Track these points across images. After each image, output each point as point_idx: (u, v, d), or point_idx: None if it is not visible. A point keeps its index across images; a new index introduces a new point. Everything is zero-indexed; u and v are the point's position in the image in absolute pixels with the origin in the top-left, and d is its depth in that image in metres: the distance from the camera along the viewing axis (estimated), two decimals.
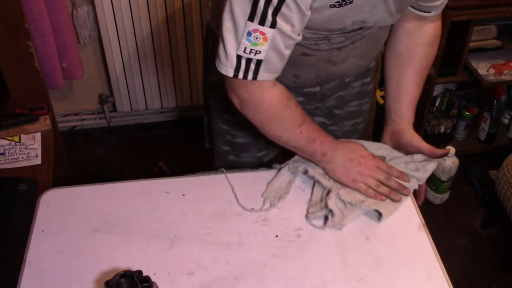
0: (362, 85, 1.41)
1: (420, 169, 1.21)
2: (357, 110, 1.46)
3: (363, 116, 1.50)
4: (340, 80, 1.35)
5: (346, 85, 1.38)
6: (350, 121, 1.48)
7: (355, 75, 1.36)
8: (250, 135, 1.42)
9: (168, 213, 1.14)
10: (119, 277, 0.87)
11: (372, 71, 1.42)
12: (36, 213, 1.14)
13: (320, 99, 1.39)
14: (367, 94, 1.45)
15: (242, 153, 1.46)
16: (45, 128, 1.90)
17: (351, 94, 1.41)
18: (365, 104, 1.48)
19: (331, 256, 1.06)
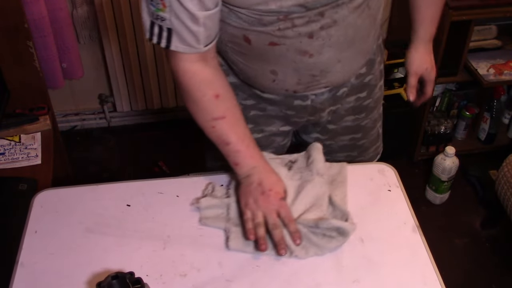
0: (357, 99, 1.36)
1: (324, 237, 1.08)
2: (354, 125, 1.41)
3: (363, 132, 1.44)
4: (330, 89, 1.28)
5: (339, 99, 1.33)
6: (347, 135, 1.43)
7: (346, 81, 1.28)
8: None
9: (162, 214, 1.14)
10: (111, 278, 0.87)
11: (369, 86, 1.36)
12: (30, 213, 1.14)
13: (311, 113, 1.33)
14: (364, 110, 1.40)
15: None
16: (45, 128, 1.91)
17: (345, 109, 1.36)
18: (364, 120, 1.42)
19: (325, 258, 1.06)
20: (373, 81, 1.37)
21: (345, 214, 1.10)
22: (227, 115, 1.10)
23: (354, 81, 1.32)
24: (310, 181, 1.17)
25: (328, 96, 1.30)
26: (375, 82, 1.38)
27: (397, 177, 1.24)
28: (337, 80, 1.24)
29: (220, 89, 1.10)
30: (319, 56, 1.12)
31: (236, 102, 1.14)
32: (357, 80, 1.33)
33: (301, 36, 1.08)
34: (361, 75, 1.33)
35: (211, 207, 1.13)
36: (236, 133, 1.11)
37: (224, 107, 1.10)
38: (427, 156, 2.59)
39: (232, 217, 1.11)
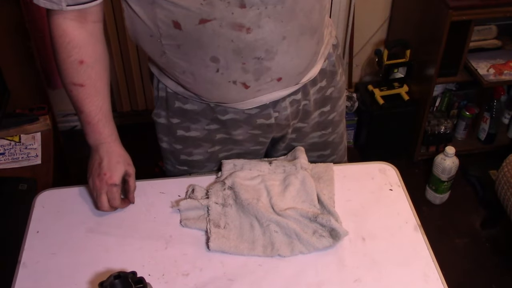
0: (321, 114, 1.32)
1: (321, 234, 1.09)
2: (322, 142, 1.37)
3: (332, 148, 1.40)
4: (291, 102, 1.21)
5: (303, 114, 1.28)
6: (315, 152, 1.38)
7: (302, 72, 1.16)
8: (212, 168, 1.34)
9: (164, 214, 1.14)
10: (113, 278, 0.88)
11: (331, 99, 1.31)
12: (31, 214, 1.14)
13: (277, 130, 1.27)
14: (329, 124, 1.35)
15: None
16: (45, 128, 1.91)
17: (310, 126, 1.32)
18: (331, 135, 1.38)
19: (327, 257, 1.06)
20: (336, 94, 1.32)
21: (334, 215, 1.10)
22: (87, 84, 1.10)
23: (316, 95, 1.27)
24: (294, 174, 1.18)
25: (291, 110, 1.24)
26: (338, 95, 1.33)
27: (399, 176, 1.24)
28: (290, 67, 1.12)
29: (87, 56, 1.08)
30: (258, 30, 1.02)
31: (104, 74, 1.13)
32: (318, 94, 1.28)
33: (231, 6, 0.98)
34: (322, 88, 1.28)
35: (191, 208, 1.14)
36: (91, 105, 1.12)
37: (85, 76, 1.09)
38: (427, 156, 2.59)
39: (212, 218, 1.11)
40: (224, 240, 1.07)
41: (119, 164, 1.16)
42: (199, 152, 1.29)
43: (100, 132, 1.16)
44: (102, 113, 1.14)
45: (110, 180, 1.13)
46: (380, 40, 2.70)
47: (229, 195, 1.14)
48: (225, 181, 1.16)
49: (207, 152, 1.29)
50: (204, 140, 1.27)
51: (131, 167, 1.20)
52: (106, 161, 1.16)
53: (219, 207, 1.13)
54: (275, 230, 1.08)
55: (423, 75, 2.38)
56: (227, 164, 1.22)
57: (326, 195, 1.17)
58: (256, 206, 1.10)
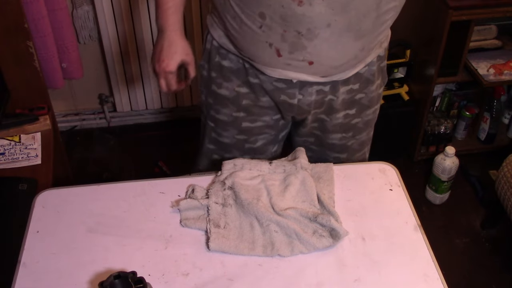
0: (345, 116, 1.36)
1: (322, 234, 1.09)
2: (341, 144, 1.41)
3: (349, 152, 1.44)
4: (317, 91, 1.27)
5: (327, 107, 1.32)
6: (332, 153, 1.43)
7: (334, 69, 1.21)
8: (235, 136, 1.41)
9: (164, 214, 1.14)
10: (113, 278, 0.88)
11: (359, 104, 1.35)
12: (31, 214, 1.14)
13: (297, 113, 1.32)
14: (351, 128, 1.39)
15: (226, 153, 1.46)
16: (45, 128, 1.91)
17: (333, 125, 1.36)
18: (350, 140, 1.42)
19: (327, 257, 1.06)
20: (366, 101, 1.35)
21: (334, 215, 1.10)
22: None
23: (345, 95, 1.31)
24: (294, 174, 1.18)
25: (316, 99, 1.29)
26: (368, 103, 1.36)
27: (399, 176, 1.24)
28: (325, 56, 1.17)
29: None
30: (308, 6, 1.07)
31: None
32: (348, 95, 1.31)
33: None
34: (353, 91, 1.31)
35: (191, 208, 1.14)
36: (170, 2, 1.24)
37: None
38: (427, 156, 2.59)
39: (212, 218, 1.11)
40: (224, 240, 1.07)
41: (177, 54, 1.26)
42: (225, 113, 1.37)
43: (167, 18, 1.25)
44: (173, 2, 1.24)
45: (167, 67, 1.26)
46: None
47: (229, 195, 1.14)
48: (225, 181, 1.17)
49: (232, 115, 1.37)
50: (231, 102, 1.34)
51: (189, 56, 1.30)
52: (165, 49, 1.26)
53: (219, 207, 1.13)
54: (275, 230, 1.08)
55: (423, 75, 2.38)
56: (227, 164, 1.22)
57: (326, 195, 1.17)
58: (256, 206, 1.10)
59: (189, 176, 1.27)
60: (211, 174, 1.24)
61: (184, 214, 1.13)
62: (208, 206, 1.13)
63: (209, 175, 1.24)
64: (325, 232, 1.08)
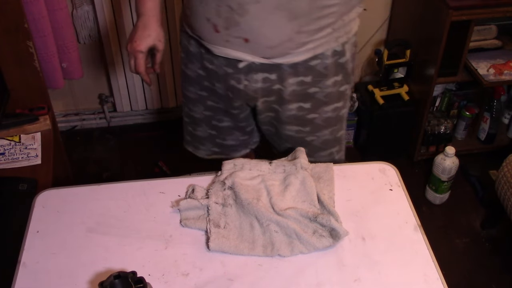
0: (299, 109, 1.37)
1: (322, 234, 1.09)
2: (298, 137, 1.42)
3: (310, 148, 1.42)
4: (263, 78, 1.31)
5: (280, 101, 1.35)
6: (290, 144, 1.44)
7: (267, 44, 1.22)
8: (202, 112, 1.51)
9: (164, 214, 1.14)
10: (113, 278, 0.88)
11: (315, 99, 1.36)
12: (31, 214, 1.14)
13: (246, 98, 1.37)
14: (308, 124, 1.40)
15: (197, 127, 1.57)
16: (45, 128, 1.91)
17: (286, 116, 1.38)
18: (309, 135, 1.43)
19: (327, 257, 1.06)
20: (321, 97, 1.36)
21: (334, 215, 1.10)
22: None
23: (296, 87, 1.32)
24: (294, 174, 1.18)
25: (262, 86, 1.33)
26: (325, 99, 1.36)
27: (398, 176, 1.24)
28: (258, 34, 1.20)
29: None
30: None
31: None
32: (299, 87, 1.32)
33: None
34: (305, 83, 1.32)
35: (191, 208, 1.14)
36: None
37: None
38: (427, 156, 2.59)
39: (212, 218, 1.11)
40: (224, 240, 1.07)
41: (150, 37, 1.32)
42: (191, 90, 1.47)
43: (144, 3, 1.32)
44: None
45: (138, 47, 1.31)
46: (380, 40, 2.70)
47: (229, 195, 1.14)
48: (225, 181, 1.17)
49: (197, 93, 1.46)
50: (195, 82, 1.44)
51: (161, 43, 1.35)
52: (140, 31, 1.32)
53: (219, 207, 1.13)
54: (275, 230, 1.08)
55: (423, 75, 2.38)
56: (227, 164, 1.22)
57: (326, 195, 1.17)
58: (256, 206, 1.10)
59: (189, 176, 1.27)
60: (211, 174, 1.24)
61: (184, 214, 1.13)
62: (208, 206, 1.13)
63: (209, 175, 1.24)
64: (325, 232, 1.08)
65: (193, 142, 1.63)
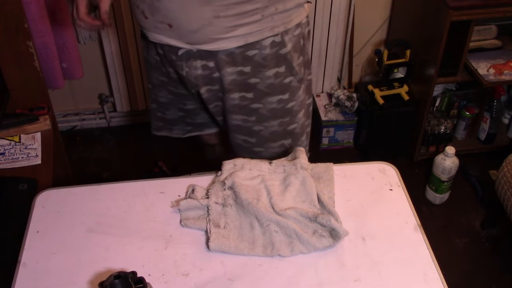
0: (242, 99, 1.39)
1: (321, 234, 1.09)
2: (245, 127, 1.45)
3: (257, 138, 1.47)
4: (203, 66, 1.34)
5: (222, 89, 1.38)
6: (239, 135, 1.48)
7: (184, 26, 1.26)
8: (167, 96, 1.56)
9: (164, 214, 1.14)
10: (113, 278, 0.87)
11: (256, 89, 1.38)
12: (31, 214, 1.14)
13: (190, 85, 1.40)
14: (253, 113, 1.42)
15: (166, 111, 1.61)
16: (45, 128, 1.91)
17: (230, 105, 1.41)
18: (255, 125, 1.45)
19: (327, 257, 1.06)
20: (262, 87, 1.37)
21: (334, 215, 1.10)
22: None
23: (236, 76, 1.34)
24: (294, 174, 1.17)
25: (202, 74, 1.36)
26: (267, 90, 1.38)
27: (399, 176, 1.24)
28: (177, 19, 1.24)
29: None
30: None
31: None
32: (239, 77, 1.34)
33: None
34: (244, 73, 1.34)
35: (191, 208, 1.14)
36: None
37: None
38: (427, 156, 2.59)
39: (212, 218, 1.11)
40: (224, 240, 1.07)
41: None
42: (154, 76, 1.52)
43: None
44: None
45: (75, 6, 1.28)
46: (380, 40, 2.70)
47: (229, 195, 1.14)
48: (225, 181, 1.16)
49: (159, 79, 1.51)
50: (155, 67, 1.49)
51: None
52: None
53: (219, 207, 1.13)
54: (275, 230, 1.08)
55: (423, 75, 2.38)
56: (227, 164, 1.22)
57: (326, 195, 1.17)
58: (256, 206, 1.10)
59: (189, 176, 1.27)
60: (211, 174, 1.24)
61: (184, 214, 1.13)
62: (208, 206, 1.13)
63: (209, 175, 1.24)
64: (325, 232, 1.08)
65: (165, 125, 1.66)
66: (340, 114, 2.62)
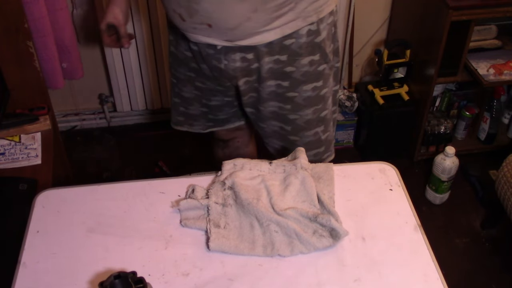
0: (278, 86, 1.41)
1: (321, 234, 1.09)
2: (281, 114, 1.47)
3: (293, 127, 1.49)
4: (242, 58, 1.35)
5: (259, 79, 1.39)
6: (275, 121, 1.49)
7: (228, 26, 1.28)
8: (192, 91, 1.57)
9: (164, 214, 1.14)
10: (113, 278, 0.87)
11: (292, 78, 1.39)
12: (31, 214, 1.14)
13: (228, 77, 1.42)
14: (289, 101, 1.44)
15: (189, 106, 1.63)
16: (45, 128, 1.91)
17: (267, 93, 1.43)
18: (291, 113, 1.46)
19: (327, 257, 1.06)
20: (298, 76, 1.39)
21: (334, 215, 1.10)
22: None
23: (272, 65, 1.36)
24: (294, 174, 1.18)
25: (241, 66, 1.37)
26: (302, 78, 1.40)
27: (399, 176, 1.24)
28: (217, 18, 1.26)
29: None
30: None
31: None
32: (276, 65, 1.36)
33: None
34: (281, 62, 1.36)
35: (191, 208, 1.14)
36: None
37: None
38: (427, 156, 2.59)
39: (212, 218, 1.11)
40: (224, 240, 1.07)
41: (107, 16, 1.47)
42: (180, 71, 1.54)
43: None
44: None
45: (99, 25, 1.48)
46: (380, 40, 2.70)
47: (229, 195, 1.14)
48: (225, 181, 1.17)
49: (186, 74, 1.53)
50: (183, 62, 1.51)
51: (116, 20, 1.47)
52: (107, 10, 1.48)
53: (219, 207, 1.13)
54: (275, 230, 1.08)
55: (423, 75, 2.38)
56: (227, 164, 1.22)
57: (326, 195, 1.17)
58: (256, 206, 1.10)
59: (189, 176, 1.27)
60: (211, 174, 1.24)
61: (184, 214, 1.13)
62: (208, 206, 1.13)
63: (209, 175, 1.24)
64: (325, 232, 1.08)
65: (187, 120, 1.68)
66: (340, 114, 2.62)
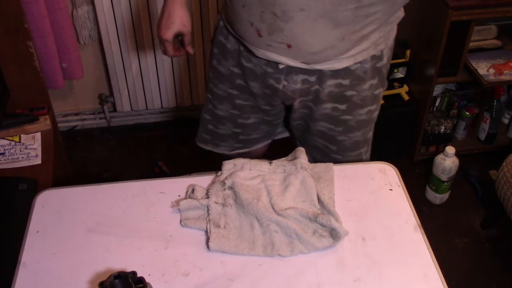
0: (334, 109, 1.37)
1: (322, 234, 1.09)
2: (329, 134, 1.44)
3: (338, 146, 1.46)
4: (302, 80, 1.31)
5: (313, 96, 1.35)
6: (320, 139, 1.46)
7: (310, 51, 1.22)
8: (229, 110, 1.51)
9: (164, 214, 1.14)
10: (113, 278, 0.87)
11: (351, 101, 1.36)
12: (31, 214, 1.14)
13: (283, 98, 1.38)
14: (341, 124, 1.41)
15: (220, 124, 1.56)
16: (45, 128, 1.91)
17: (320, 114, 1.39)
18: (340, 135, 1.44)
19: (327, 257, 1.06)
20: (357, 100, 1.36)
21: (334, 215, 1.10)
22: None
23: (333, 88, 1.32)
24: (294, 174, 1.18)
25: (301, 87, 1.33)
26: (360, 103, 1.37)
27: (399, 176, 1.24)
28: (301, 41, 1.20)
29: None
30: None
31: None
32: (336, 89, 1.33)
33: None
34: (342, 86, 1.32)
35: (191, 208, 1.14)
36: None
37: None
38: (427, 156, 2.59)
39: (212, 218, 1.11)
40: (224, 240, 1.07)
41: (174, 24, 1.36)
42: (221, 88, 1.47)
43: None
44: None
45: (163, 36, 1.37)
46: None
47: (229, 195, 1.14)
48: (225, 181, 1.17)
49: (226, 91, 1.46)
50: (226, 79, 1.43)
51: (186, 28, 1.38)
52: (165, 19, 1.36)
53: (219, 207, 1.13)
54: (275, 230, 1.08)
55: (423, 75, 2.38)
56: (227, 164, 1.22)
57: (326, 195, 1.17)
58: (256, 206, 1.10)
59: (189, 176, 1.27)
60: (211, 174, 1.24)
61: (184, 214, 1.13)
62: (208, 206, 1.13)
63: (209, 175, 1.24)
64: (325, 232, 1.08)
65: (213, 140, 1.61)
66: None
